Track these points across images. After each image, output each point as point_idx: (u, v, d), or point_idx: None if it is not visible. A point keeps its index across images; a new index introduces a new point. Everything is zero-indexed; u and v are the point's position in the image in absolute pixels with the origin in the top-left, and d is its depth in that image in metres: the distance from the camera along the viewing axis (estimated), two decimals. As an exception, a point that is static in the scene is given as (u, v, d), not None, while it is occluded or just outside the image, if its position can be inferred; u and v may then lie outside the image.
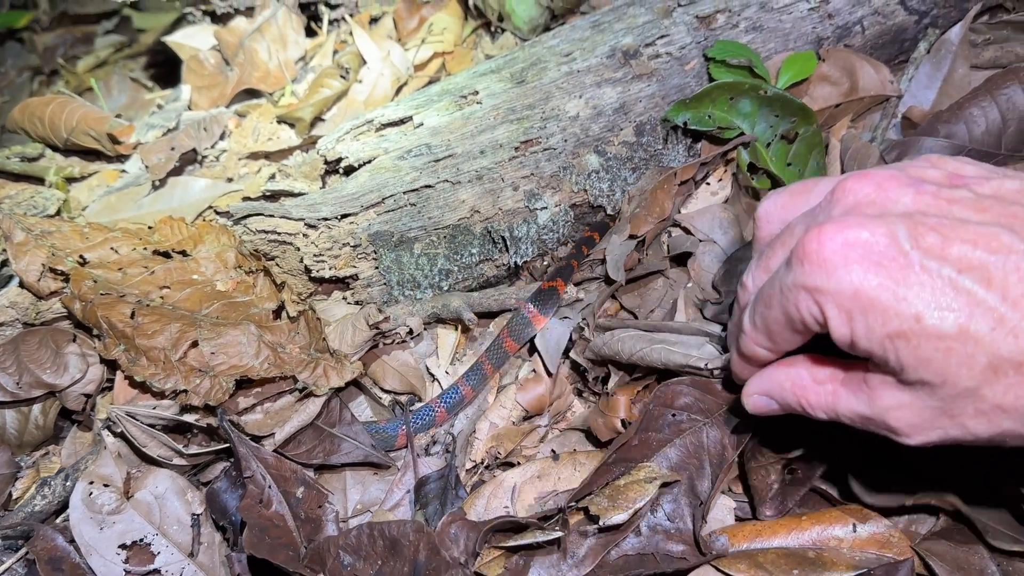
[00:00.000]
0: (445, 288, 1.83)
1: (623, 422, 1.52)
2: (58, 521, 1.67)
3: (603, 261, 1.71)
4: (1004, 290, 0.80)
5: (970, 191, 0.89)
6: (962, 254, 0.82)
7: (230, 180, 2.10)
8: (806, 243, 0.88)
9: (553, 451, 1.54)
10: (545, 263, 1.89)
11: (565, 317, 1.65)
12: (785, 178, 1.70)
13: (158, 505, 1.55)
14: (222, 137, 2.23)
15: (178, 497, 1.56)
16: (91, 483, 1.56)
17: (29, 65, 4.46)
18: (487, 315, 1.84)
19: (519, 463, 1.58)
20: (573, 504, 1.32)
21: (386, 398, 1.75)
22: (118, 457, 1.60)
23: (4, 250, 2.01)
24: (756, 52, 1.83)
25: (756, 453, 1.33)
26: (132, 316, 1.63)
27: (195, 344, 1.61)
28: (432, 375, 1.77)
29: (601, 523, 1.25)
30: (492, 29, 2.37)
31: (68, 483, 1.68)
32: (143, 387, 1.60)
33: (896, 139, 1.86)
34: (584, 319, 1.65)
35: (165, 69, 3.45)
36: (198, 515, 1.55)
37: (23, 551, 1.67)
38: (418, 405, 1.72)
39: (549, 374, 1.65)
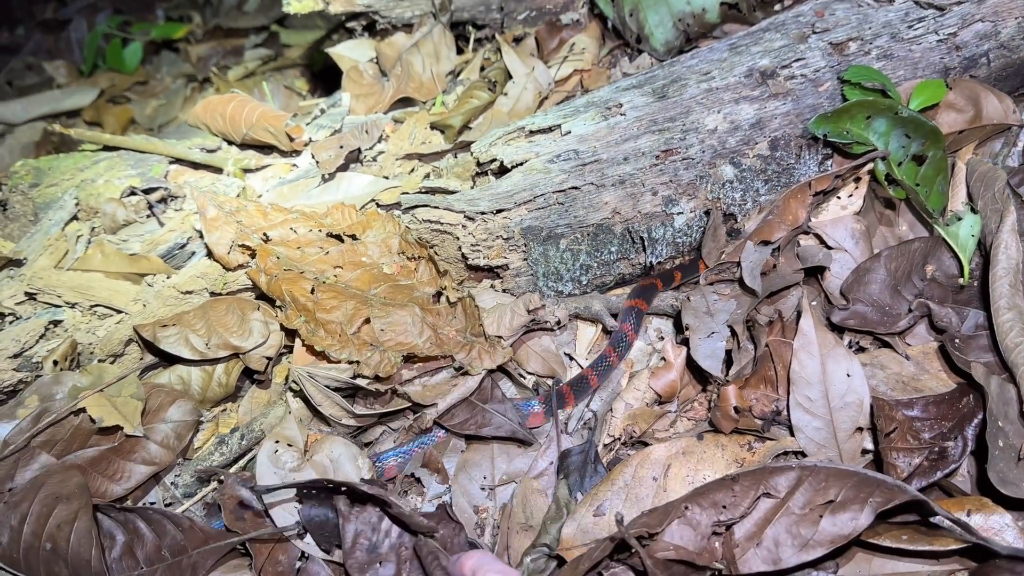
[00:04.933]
0: (584, 282, 1.89)
1: (735, 409, 1.55)
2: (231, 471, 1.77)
3: (739, 264, 1.75)
4: None
5: None
6: None
7: (386, 178, 2.20)
8: None
9: (700, 433, 1.57)
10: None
11: (712, 332, 1.68)
12: (918, 194, 1.71)
13: (333, 468, 1.62)
14: (380, 140, 2.33)
15: (350, 462, 1.63)
16: (277, 442, 1.64)
17: (183, 73, 4.69)
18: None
19: (651, 444, 1.62)
20: None
21: (529, 379, 1.81)
22: (300, 422, 1.69)
23: (187, 229, 2.14)
24: (887, 78, 1.85)
25: (906, 435, 1.36)
26: (312, 292, 1.73)
27: (367, 321, 1.70)
28: (571, 359, 1.83)
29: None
30: (629, 50, 2.43)
31: (243, 441, 1.79)
32: (321, 355, 1.69)
33: (1016, 166, 1.86)
34: (731, 326, 1.68)
35: (313, 80, 3.62)
36: (366, 479, 1.61)
37: (200, 495, 1.78)
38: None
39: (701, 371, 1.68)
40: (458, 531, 1.47)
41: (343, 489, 1.45)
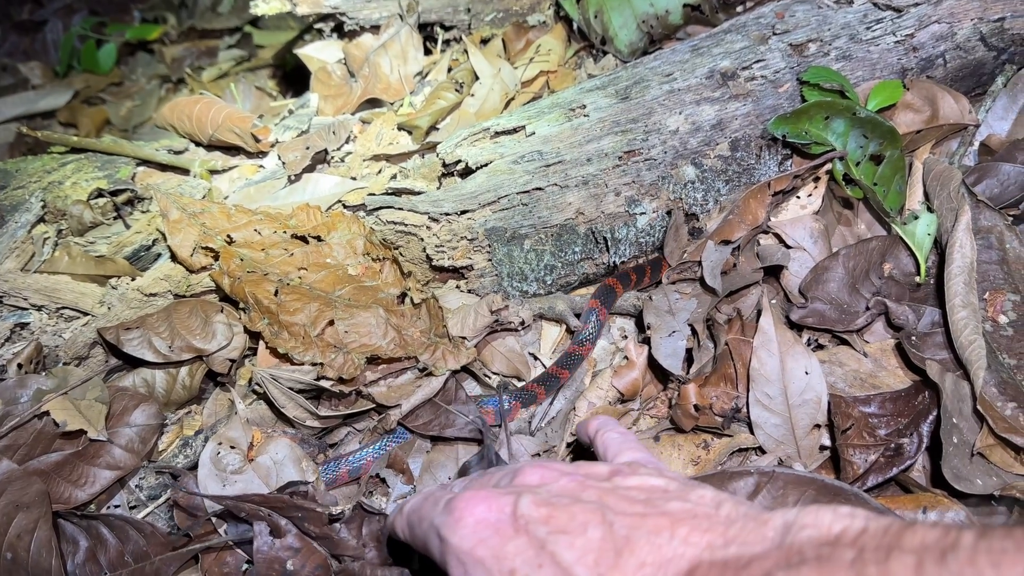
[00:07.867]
0: (549, 282, 1.86)
1: (696, 407, 1.53)
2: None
3: (699, 263, 1.73)
4: (580, 556, 0.81)
5: (614, 483, 0.92)
6: (558, 521, 0.85)
7: (353, 179, 2.16)
8: (456, 500, 0.92)
9: (657, 434, 1.55)
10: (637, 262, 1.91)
11: (673, 331, 1.66)
12: (876, 193, 1.70)
13: (276, 470, 1.58)
14: (348, 140, 2.29)
15: (294, 465, 1.58)
16: (220, 444, 1.60)
17: (158, 74, 4.61)
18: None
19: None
20: None
21: (494, 379, 1.78)
22: (246, 423, 1.65)
23: (152, 231, 2.09)
24: (846, 78, 1.83)
25: (862, 432, 1.35)
26: (276, 294, 1.69)
27: (331, 323, 1.66)
28: (536, 358, 1.80)
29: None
30: (594, 51, 2.40)
31: (207, 443, 1.74)
32: (284, 357, 1.65)
33: (972, 165, 1.85)
34: (691, 324, 1.66)
35: (285, 80, 3.56)
36: (310, 483, 1.58)
37: (164, 498, 1.73)
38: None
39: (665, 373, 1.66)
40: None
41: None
